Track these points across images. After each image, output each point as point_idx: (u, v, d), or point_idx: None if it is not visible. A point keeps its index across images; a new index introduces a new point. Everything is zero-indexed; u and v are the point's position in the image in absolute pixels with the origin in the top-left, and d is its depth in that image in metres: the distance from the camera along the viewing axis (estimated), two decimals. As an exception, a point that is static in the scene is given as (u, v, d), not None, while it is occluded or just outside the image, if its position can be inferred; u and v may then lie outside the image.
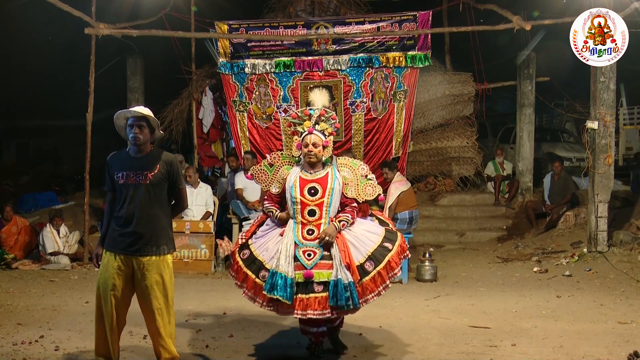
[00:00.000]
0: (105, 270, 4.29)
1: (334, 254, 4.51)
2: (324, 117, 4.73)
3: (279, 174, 4.82)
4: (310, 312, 4.41)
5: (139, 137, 4.29)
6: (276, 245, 4.61)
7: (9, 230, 9.59)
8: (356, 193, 4.73)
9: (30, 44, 14.10)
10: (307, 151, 4.65)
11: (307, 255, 4.52)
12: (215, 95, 11.68)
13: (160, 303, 4.28)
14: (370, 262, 4.55)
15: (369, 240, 4.66)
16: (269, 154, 5.12)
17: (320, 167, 4.72)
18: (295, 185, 4.66)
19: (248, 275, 4.60)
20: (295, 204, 4.64)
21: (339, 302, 4.39)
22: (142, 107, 4.47)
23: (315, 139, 4.66)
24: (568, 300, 6.92)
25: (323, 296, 4.42)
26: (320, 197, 4.62)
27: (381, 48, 10.68)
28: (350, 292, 4.41)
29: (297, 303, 4.42)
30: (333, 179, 4.67)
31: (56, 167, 18.14)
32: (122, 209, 4.29)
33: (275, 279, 4.43)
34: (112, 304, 4.26)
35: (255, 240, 4.74)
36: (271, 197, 4.83)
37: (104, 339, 4.32)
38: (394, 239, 4.71)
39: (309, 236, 4.60)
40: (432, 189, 12.14)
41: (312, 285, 4.45)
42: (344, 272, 4.44)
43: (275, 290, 4.40)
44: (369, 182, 4.79)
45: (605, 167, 8.88)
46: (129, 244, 4.26)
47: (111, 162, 4.39)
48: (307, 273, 4.46)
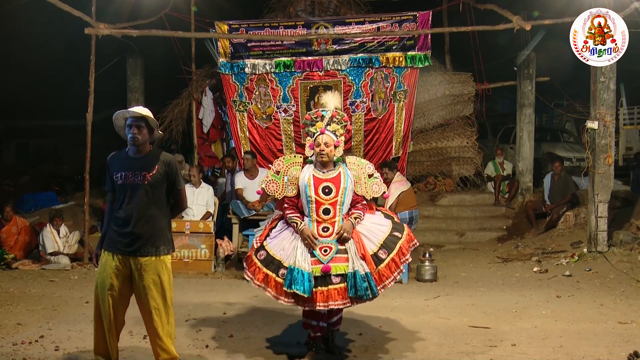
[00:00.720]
0: (103, 270, 4.29)
1: (349, 247, 4.71)
2: (336, 118, 4.91)
3: (290, 176, 4.93)
4: (332, 303, 4.59)
5: (138, 138, 4.29)
6: (292, 243, 4.77)
7: (9, 230, 9.58)
8: (365, 191, 4.94)
9: (30, 44, 14.10)
10: (319, 151, 4.81)
11: (324, 252, 4.70)
12: (215, 95, 11.69)
13: (158, 303, 4.28)
14: (383, 250, 4.76)
15: (379, 231, 4.87)
16: (272, 162, 5.23)
17: (332, 167, 4.89)
18: (309, 185, 4.80)
19: (269, 275, 4.72)
20: (310, 202, 4.79)
21: (358, 293, 4.58)
22: (141, 107, 4.46)
23: (327, 139, 4.82)
24: (568, 300, 6.92)
25: (342, 287, 4.61)
26: (334, 197, 4.79)
27: (381, 48, 10.68)
28: (368, 282, 4.60)
29: (318, 296, 4.59)
30: (346, 178, 4.85)
31: (56, 167, 18.15)
32: (121, 209, 4.29)
33: (294, 274, 4.59)
34: (110, 303, 4.26)
35: (270, 241, 4.87)
36: (291, 202, 4.91)
37: (103, 339, 4.33)
38: (402, 229, 4.94)
39: (324, 233, 4.77)
40: (432, 189, 12.15)
41: (330, 277, 4.62)
42: (360, 264, 4.65)
43: (294, 285, 4.55)
44: (375, 180, 5.00)
45: (605, 167, 8.87)
46: (126, 244, 4.25)
47: (111, 162, 4.40)
48: (325, 267, 4.63)
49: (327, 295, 4.58)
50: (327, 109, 4.95)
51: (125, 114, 4.36)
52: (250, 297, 6.98)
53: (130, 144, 4.34)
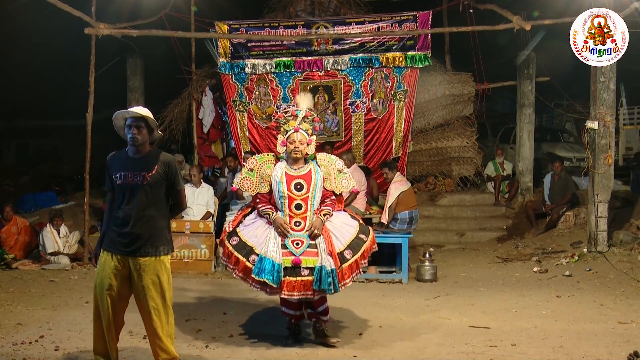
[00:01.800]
0: (102, 270, 4.29)
1: (319, 243, 5.02)
2: (308, 118, 5.23)
3: (262, 173, 5.23)
4: (295, 294, 4.92)
5: (137, 138, 4.30)
6: (265, 232, 5.07)
7: (9, 230, 9.59)
8: (334, 186, 5.24)
9: (30, 44, 14.09)
10: (293, 148, 5.12)
11: (296, 244, 5.01)
12: (215, 95, 11.69)
13: (157, 303, 4.27)
14: (349, 251, 5.09)
15: (347, 231, 5.18)
16: (246, 161, 5.48)
17: (303, 164, 5.20)
18: (282, 181, 5.10)
19: (239, 259, 5.02)
20: (283, 198, 5.09)
21: (321, 286, 4.90)
22: (141, 107, 4.46)
23: (301, 136, 5.13)
24: (568, 300, 6.92)
25: (309, 280, 4.92)
26: (306, 192, 5.10)
27: (381, 48, 10.69)
28: (332, 277, 4.93)
29: (285, 285, 4.91)
30: (316, 175, 5.16)
31: (56, 167, 18.13)
32: (120, 209, 4.29)
33: (264, 263, 4.91)
34: (109, 303, 4.26)
35: (243, 228, 5.17)
36: (264, 198, 5.21)
37: (102, 338, 4.33)
38: (367, 232, 5.25)
39: (296, 227, 5.08)
40: (432, 189, 12.14)
41: (300, 269, 4.93)
42: (327, 259, 4.95)
43: (263, 274, 4.88)
44: (344, 175, 5.31)
45: (605, 167, 8.87)
46: (125, 244, 4.25)
47: (110, 162, 4.40)
48: (295, 260, 4.94)
49: (293, 286, 4.90)
50: (300, 109, 5.25)
51: (124, 114, 4.36)
52: (250, 297, 6.98)
53: (130, 144, 4.34)
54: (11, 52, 14.24)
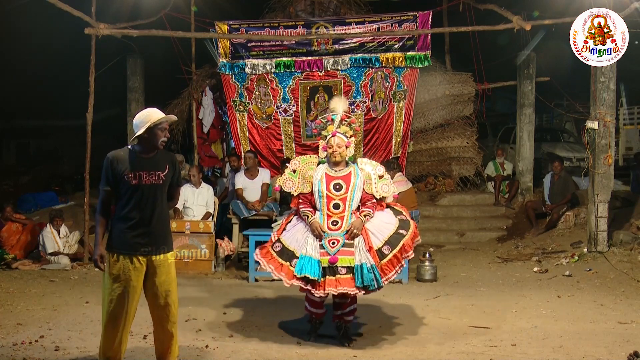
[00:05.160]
0: (122, 274, 4.18)
1: (358, 242, 5.14)
2: (345, 121, 5.41)
3: (305, 175, 5.42)
4: (341, 288, 4.99)
5: (165, 142, 4.36)
6: (304, 235, 5.24)
7: (10, 229, 9.58)
8: (374, 190, 5.35)
9: (30, 44, 14.10)
10: (332, 151, 5.29)
11: (332, 244, 5.14)
12: (215, 95, 11.69)
13: (174, 299, 4.31)
14: (387, 247, 5.19)
15: (385, 229, 5.27)
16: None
17: (343, 166, 5.35)
18: (322, 181, 5.27)
19: (283, 264, 5.19)
20: (322, 197, 5.26)
21: (364, 283, 5.00)
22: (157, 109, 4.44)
23: (339, 140, 5.30)
24: (568, 300, 6.92)
25: (349, 277, 5.03)
26: (344, 193, 5.24)
27: (381, 48, 10.69)
28: (374, 273, 5.03)
29: (327, 282, 5.02)
30: (356, 177, 5.29)
31: (56, 167, 18.13)
32: (135, 209, 4.20)
33: (304, 261, 5.07)
34: (133, 306, 4.23)
35: (285, 234, 5.36)
36: (305, 199, 5.39)
37: (118, 342, 4.23)
38: (408, 227, 5.32)
39: (333, 227, 5.21)
40: (432, 189, 12.14)
41: (337, 268, 5.05)
42: (366, 256, 5.07)
43: (305, 269, 5.01)
44: (385, 181, 5.43)
45: (605, 167, 8.87)
46: (145, 244, 4.21)
47: (116, 161, 4.24)
48: (332, 258, 5.07)
49: (337, 281, 5.00)
50: (336, 113, 5.41)
51: (162, 118, 4.31)
52: (250, 297, 6.97)
53: (156, 146, 4.30)
54: (11, 52, 14.26)
